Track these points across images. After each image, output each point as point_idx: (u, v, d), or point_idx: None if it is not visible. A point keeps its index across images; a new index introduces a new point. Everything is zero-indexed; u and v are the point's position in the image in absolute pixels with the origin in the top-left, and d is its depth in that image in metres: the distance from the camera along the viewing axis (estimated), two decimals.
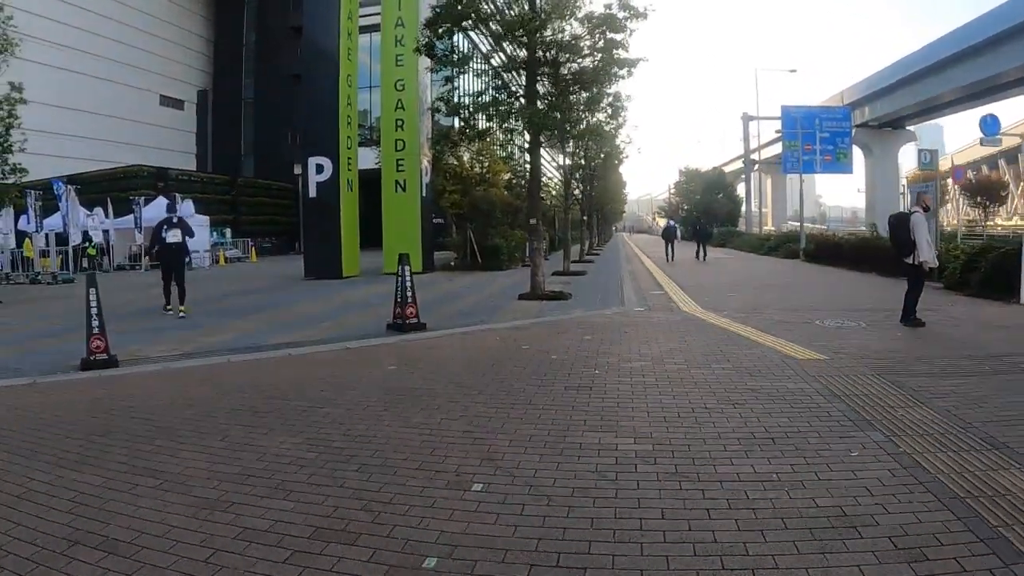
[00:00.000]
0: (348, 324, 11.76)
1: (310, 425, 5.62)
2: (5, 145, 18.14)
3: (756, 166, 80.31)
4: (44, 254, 28.95)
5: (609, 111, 15.86)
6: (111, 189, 35.95)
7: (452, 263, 25.07)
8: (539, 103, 14.58)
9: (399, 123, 22.96)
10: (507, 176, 35.63)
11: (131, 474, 4.53)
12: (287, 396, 6.68)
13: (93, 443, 5.25)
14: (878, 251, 19.83)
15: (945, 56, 51.33)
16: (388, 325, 10.88)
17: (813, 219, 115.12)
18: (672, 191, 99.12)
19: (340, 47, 21.53)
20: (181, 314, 13.14)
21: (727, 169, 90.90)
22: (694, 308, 13.05)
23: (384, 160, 23.28)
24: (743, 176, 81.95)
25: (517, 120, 14.41)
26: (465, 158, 31.98)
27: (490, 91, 14.85)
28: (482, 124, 16.22)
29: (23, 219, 29.35)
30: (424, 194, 23.37)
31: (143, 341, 10.40)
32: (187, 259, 14.21)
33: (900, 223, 10.63)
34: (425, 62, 23.48)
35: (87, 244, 31.47)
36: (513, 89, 15.14)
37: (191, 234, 13.85)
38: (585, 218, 38.19)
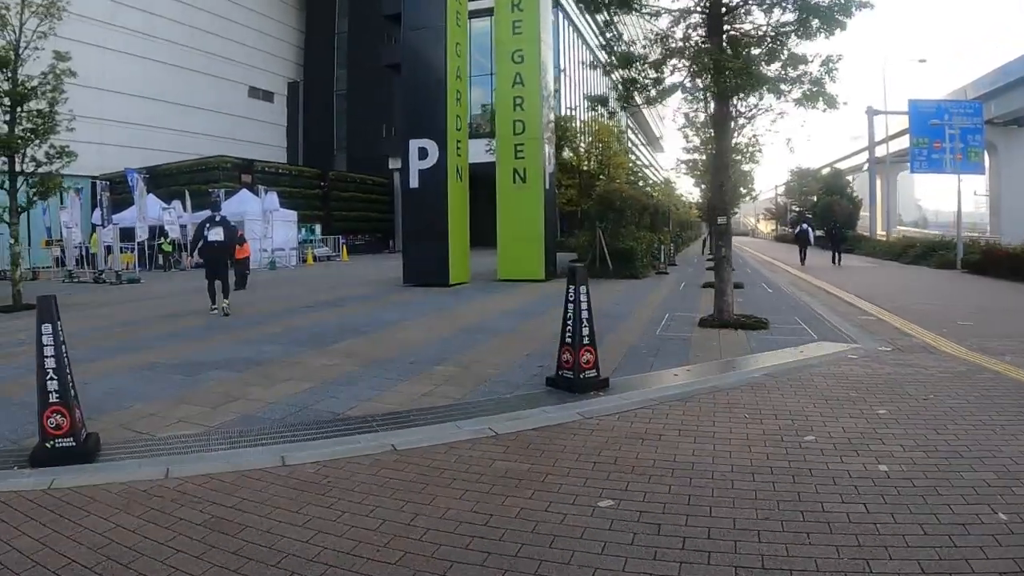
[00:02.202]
0: (480, 369, 7.60)
1: None
2: (48, 124, 14.99)
3: (865, 165, 74.75)
4: (123, 250, 26.18)
5: (815, 74, 11.16)
6: (191, 181, 33.42)
7: None
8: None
9: (518, 102, 18.88)
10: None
11: None
12: None
13: None
14: None
15: None
16: (549, 379, 6.77)
17: (915, 223, 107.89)
18: (780, 192, 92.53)
19: (448, 10, 17.65)
20: (226, 310, 12.78)
21: (840, 167, 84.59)
22: (955, 348, 8.85)
23: (500, 146, 19.24)
24: (854, 176, 76.05)
25: (704, 76, 10.09)
26: (581, 150, 28.11)
27: (677, 35, 10.54)
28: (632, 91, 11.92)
29: (96, 212, 26.91)
30: (547, 186, 19.24)
31: (166, 391, 6.71)
32: (230, 260, 14.38)
33: None
34: (547, 30, 19.69)
35: (162, 240, 28.77)
36: (696, 39, 10.82)
37: (234, 235, 13.80)
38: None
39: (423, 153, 17.40)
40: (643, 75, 10.77)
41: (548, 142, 19.54)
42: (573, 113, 30.43)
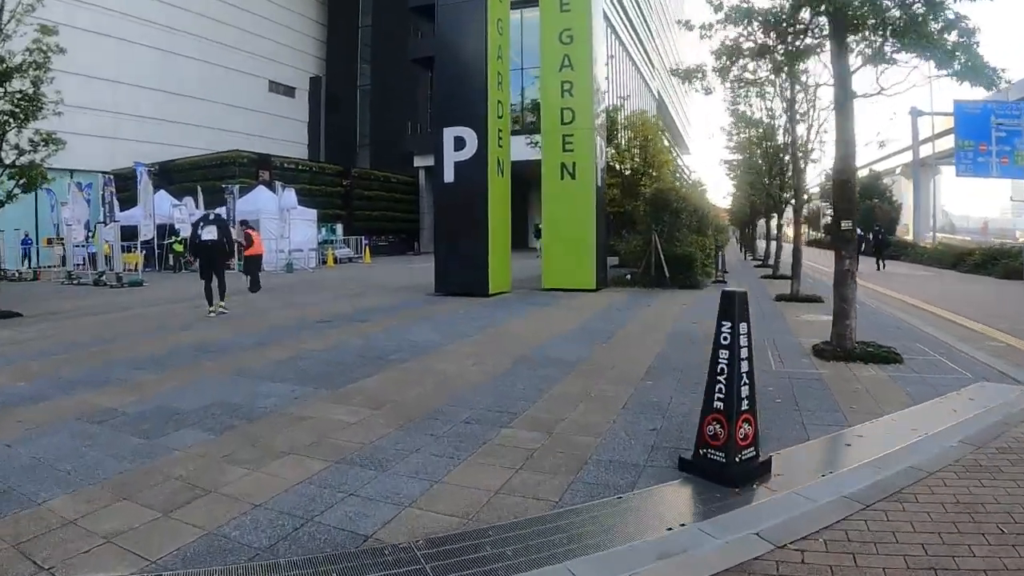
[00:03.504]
0: (569, 435, 5.21)
1: None
2: (32, 107, 13.09)
3: (898, 169, 72.25)
4: (127, 249, 24.15)
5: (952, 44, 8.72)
6: (206, 177, 31.42)
7: (628, 276, 18.54)
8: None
9: (566, 87, 16.55)
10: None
11: None
12: None
13: None
14: None
15: None
16: (684, 461, 4.48)
17: (942, 228, 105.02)
18: (815, 195, 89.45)
19: None
20: (222, 310, 12.75)
21: (875, 169, 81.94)
22: None
23: (545, 138, 16.90)
24: (893, 179, 73.65)
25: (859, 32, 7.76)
26: (623, 145, 25.74)
27: None
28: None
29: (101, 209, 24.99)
30: (599, 183, 16.91)
31: (109, 468, 4.47)
32: (229, 260, 14.43)
33: None
34: (597, 9, 17.42)
35: (173, 239, 26.74)
36: None
37: (229, 234, 13.32)
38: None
39: (459, 143, 15.13)
40: (757, 35, 8.42)
41: (599, 133, 17.22)
42: (623, 102, 27.97)
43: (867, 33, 7.62)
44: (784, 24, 8.10)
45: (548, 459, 4.64)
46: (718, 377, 4.33)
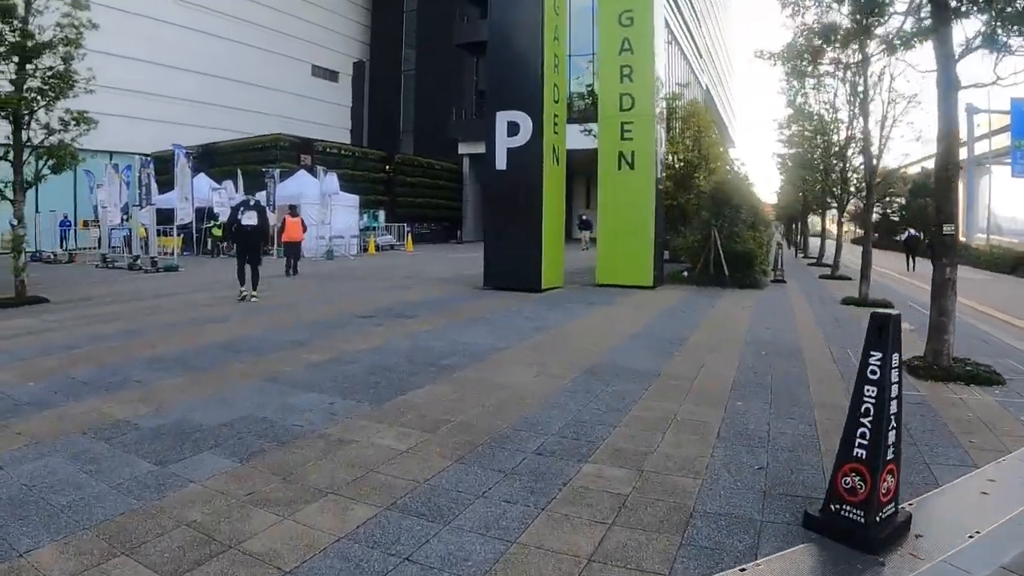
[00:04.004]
0: (661, 475, 4.25)
1: None
2: (63, 85, 12.51)
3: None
4: (162, 233, 23.66)
5: None
6: (247, 161, 30.86)
7: (686, 273, 17.54)
8: None
9: (625, 72, 15.51)
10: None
11: None
12: None
13: None
14: None
15: None
16: (810, 517, 3.55)
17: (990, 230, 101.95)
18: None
19: None
20: (253, 298, 12.57)
21: (926, 167, 79.39)
22: None
23: (602, 125, 15.90)
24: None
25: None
26: (676, 135, 24.57)
27: None
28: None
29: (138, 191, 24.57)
30: (659, 174, 15.89)
31: (108, 507, 3.59)
32: (265, 245, 14.38)
33: None
34: None
35: (211, 223, 26.21)
36: None
37: (266, 221, 13.43)
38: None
39: (513, 128, 14.21)
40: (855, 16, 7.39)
41: (659, 122, 16.18)
42: (682, 90, 26.71)
43: (983, 16, 6.59)
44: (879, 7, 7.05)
45: (645, 509, 3.73)
46: (861, 419, 3.43)
